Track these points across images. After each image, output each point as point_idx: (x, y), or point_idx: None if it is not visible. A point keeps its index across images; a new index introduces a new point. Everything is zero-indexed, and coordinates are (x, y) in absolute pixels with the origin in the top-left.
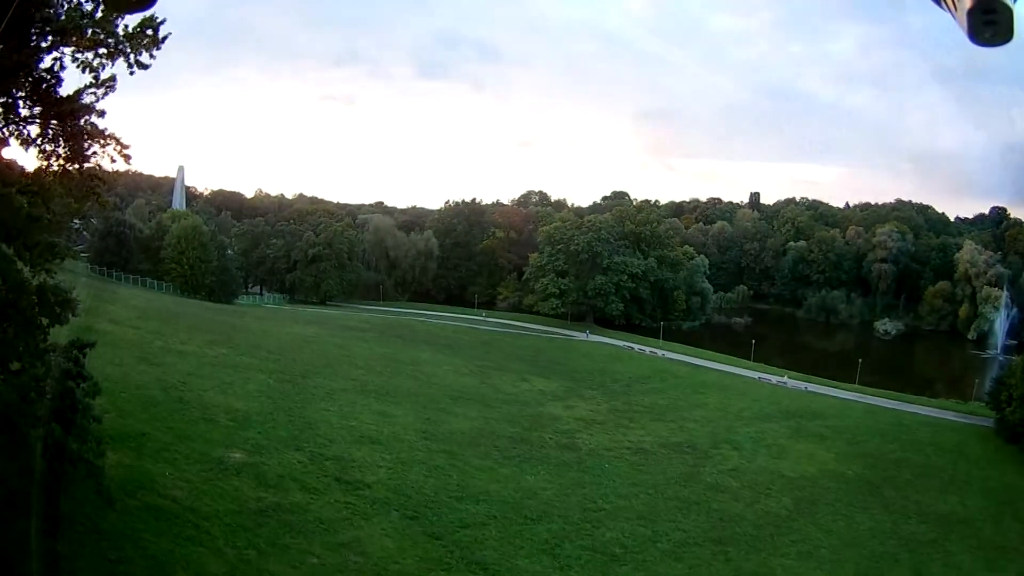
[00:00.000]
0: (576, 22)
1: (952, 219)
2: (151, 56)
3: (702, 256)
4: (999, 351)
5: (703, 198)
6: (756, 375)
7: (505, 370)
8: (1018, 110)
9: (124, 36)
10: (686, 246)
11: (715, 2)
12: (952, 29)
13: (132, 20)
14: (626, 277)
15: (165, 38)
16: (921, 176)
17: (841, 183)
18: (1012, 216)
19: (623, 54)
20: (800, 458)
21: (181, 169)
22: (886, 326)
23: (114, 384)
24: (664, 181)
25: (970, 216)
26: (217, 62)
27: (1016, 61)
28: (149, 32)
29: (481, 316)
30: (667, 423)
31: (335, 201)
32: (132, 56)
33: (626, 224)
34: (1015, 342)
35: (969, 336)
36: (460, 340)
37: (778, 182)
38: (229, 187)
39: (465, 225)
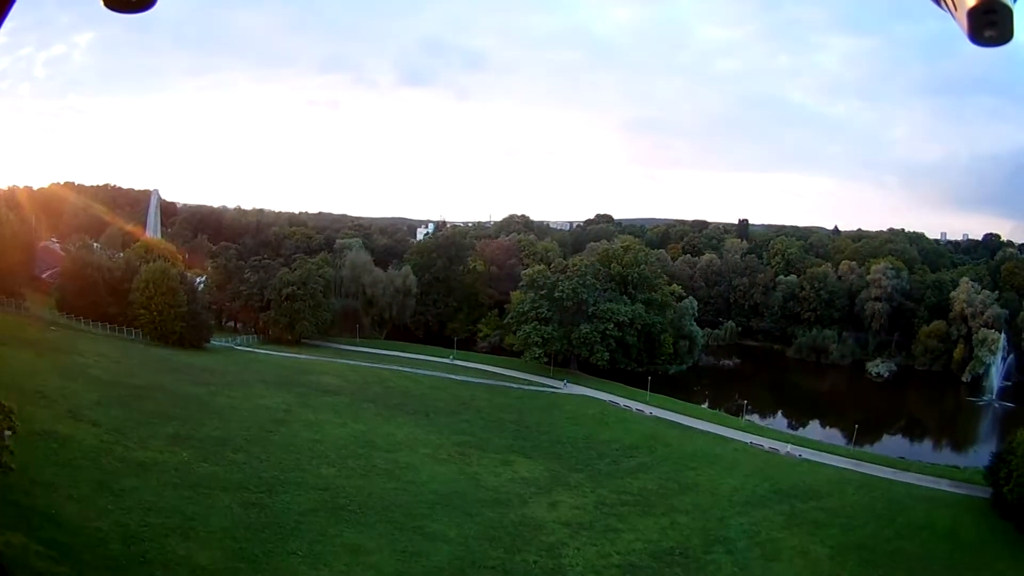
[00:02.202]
0: (563, 30)
1: (943, 241)
2: None
3: (691, 298)
4: (994, 397)
5: (689, 217)
6: (748, 439)
7: (486, 448)
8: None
9: None
10: (674, 284)
11: (702, 12)
12: (937, 41)
13: None
14: (612, 325)
15: None
16: (907, 188)
17: (827, 192)
18: (1006, 241)
19: (610, 63)
20: (795, 557)
21: (155, 192)
22: (879, 368)
23: (75, 535)
24: (649, 193)
25: (960, 239)
26: (200, 67)
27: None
28: None
29: (450, 360)
30: (657, 517)
31: (314, 211)
32: None
33: (612, 266)
34: (1009, 383)
35: (963, 378)
36: (437, 402)
37: (764, 193)
38: (209, 197)
39: (444, 260)
